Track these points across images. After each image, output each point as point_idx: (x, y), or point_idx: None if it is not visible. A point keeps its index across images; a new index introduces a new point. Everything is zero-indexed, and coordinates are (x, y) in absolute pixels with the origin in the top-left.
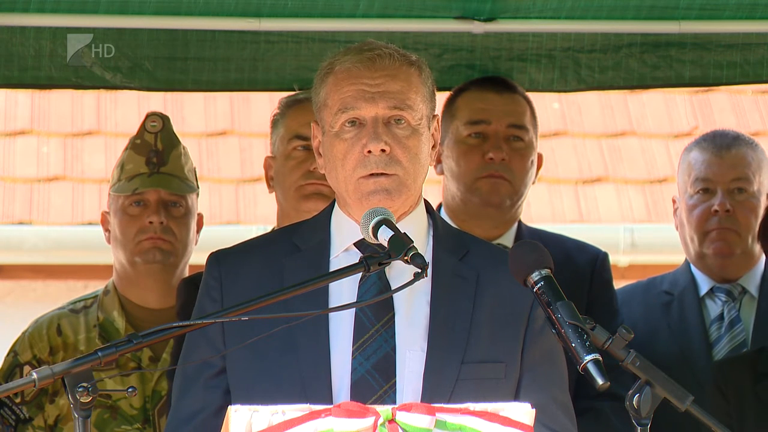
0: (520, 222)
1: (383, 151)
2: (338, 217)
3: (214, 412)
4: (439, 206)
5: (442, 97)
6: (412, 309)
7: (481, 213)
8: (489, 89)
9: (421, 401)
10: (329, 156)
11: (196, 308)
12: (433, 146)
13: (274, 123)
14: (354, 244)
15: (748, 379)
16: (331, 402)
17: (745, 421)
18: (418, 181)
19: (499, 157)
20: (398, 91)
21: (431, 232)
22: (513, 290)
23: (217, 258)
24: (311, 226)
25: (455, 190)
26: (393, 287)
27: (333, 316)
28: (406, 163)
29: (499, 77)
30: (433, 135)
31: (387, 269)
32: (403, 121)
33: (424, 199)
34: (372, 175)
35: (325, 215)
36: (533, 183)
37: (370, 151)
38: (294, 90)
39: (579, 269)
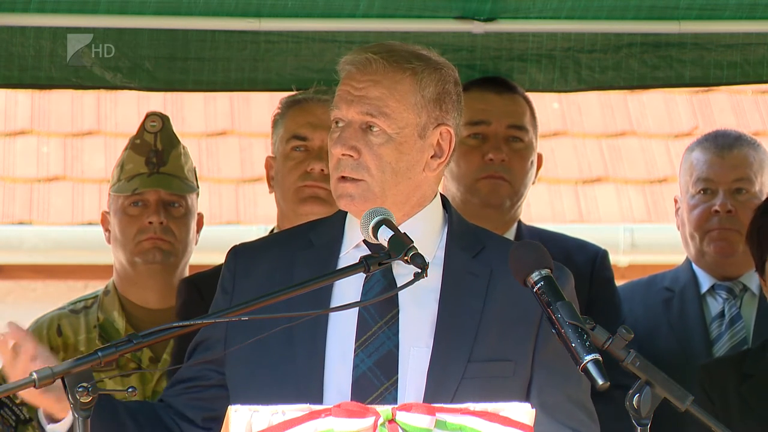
0: (520, 222)
1: (350, 156)
2: (351, 215)
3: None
4: None
5: None
6: (419, 306)
7: (481, 214)
8: (489, 90)
9: (424, 399)
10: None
11: (214, 298)
12: (434, 155)
13: (275, 123)
14: (363, 240)
15: (733, 380)
16: (322, 398)
17: (730, 422)
18: (392, 191)
19: (498, 158)
20: (376, 98)
21: (446, 229)
22: (526, 288)
23: (236, 251)
24: (329, 222)
25: (455, 190)
26: (399, 284)
27: (335, 313)
28: (374, 170)
29: (499, 77)
30: (438, 144)
31: (394, 266)
32: (376, 129)
33: (441, 195)
34: (343, 178)
35: (343, 211)
36: (533, 183)
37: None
38: (293, 91)
39: (579, 268)
